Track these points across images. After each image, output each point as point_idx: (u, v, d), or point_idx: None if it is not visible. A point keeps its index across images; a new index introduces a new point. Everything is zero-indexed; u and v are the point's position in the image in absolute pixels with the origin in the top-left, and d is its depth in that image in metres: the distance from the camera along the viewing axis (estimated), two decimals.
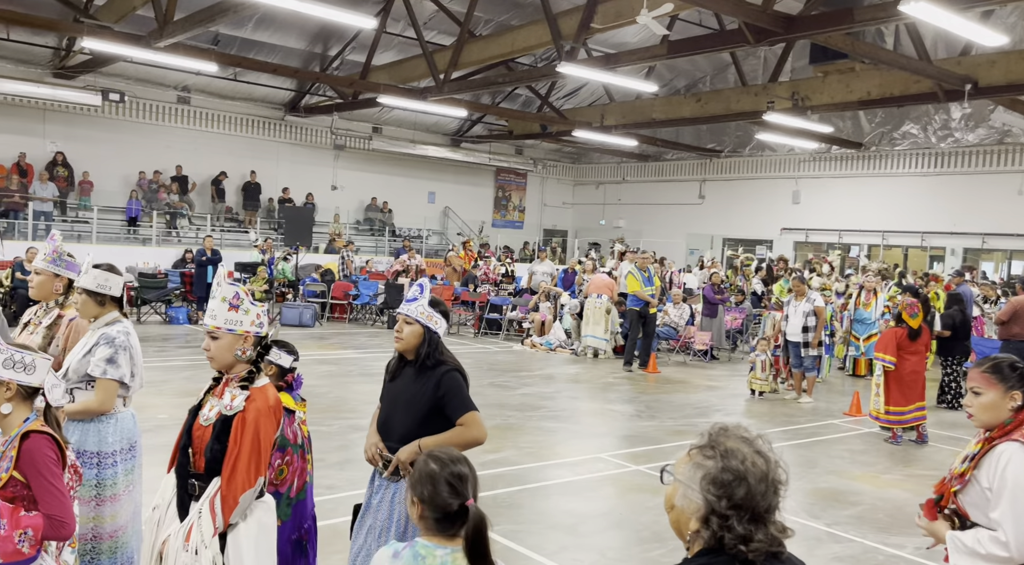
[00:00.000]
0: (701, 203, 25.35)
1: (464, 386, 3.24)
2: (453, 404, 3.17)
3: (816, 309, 10.29)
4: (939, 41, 16.56)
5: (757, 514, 1.53)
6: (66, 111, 18.94)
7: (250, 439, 2.74)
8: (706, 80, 22.82)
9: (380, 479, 3.25)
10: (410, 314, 3.23)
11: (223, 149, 21.37)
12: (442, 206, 26.31)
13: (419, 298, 3.26)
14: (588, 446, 7.54)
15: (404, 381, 3.29)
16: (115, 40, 13.71)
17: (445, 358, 3.26)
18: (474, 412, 3.17)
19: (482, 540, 2.02)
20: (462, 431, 3.14)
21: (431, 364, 3.22)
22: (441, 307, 3.31)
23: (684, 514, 1.60)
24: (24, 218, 17.58)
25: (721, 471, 1.55)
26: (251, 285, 15.66)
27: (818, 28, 11.52)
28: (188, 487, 2.83)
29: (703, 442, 1.62)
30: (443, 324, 3.30)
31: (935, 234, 20.07)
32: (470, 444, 3.12)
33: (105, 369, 3.49)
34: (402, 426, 3.19)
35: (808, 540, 5.32)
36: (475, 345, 14.40)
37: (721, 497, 1.53)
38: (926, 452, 8.07)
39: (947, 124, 19.75)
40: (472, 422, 3.16)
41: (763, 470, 1.57)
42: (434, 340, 3.25)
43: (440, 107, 18.00)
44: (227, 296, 2.89)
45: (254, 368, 2.89)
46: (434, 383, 3.17)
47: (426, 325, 3.23)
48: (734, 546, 1.52)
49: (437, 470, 2.04)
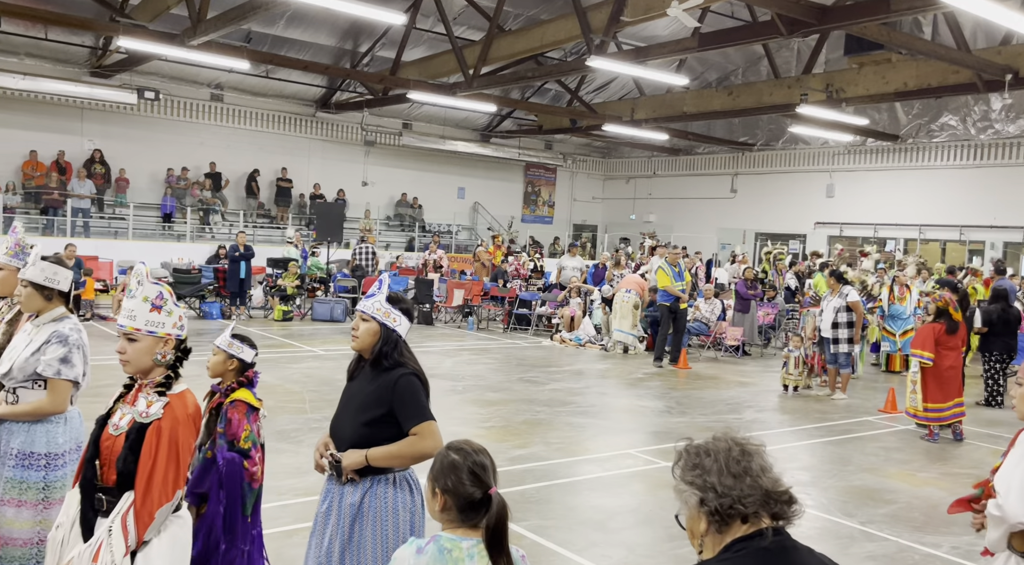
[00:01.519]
0: (733, 197, 25.08)
1: (421, 392, 2.98)
2: (406, 412, 2.91)
3: (850, 303, 10.10)
4: (978, 30, 16.20)
5: (736, 473, 1.63)
6: (103, 109, 19.29)
7: (167, 449, 2.53)
8: (738, 73, 22.56)
9: (329, 483, 3.01)
10: (366, 311, 3.02)
11: (255, 146, 21.63)
12: (472, 201, 26.35)
13: (377, 294, 3.06)
14: (618, 442, 7.50)
15: (360, 382, 3.06)
16: (150, 39, 13.92)
17: (405, 360, 3.02)
18: (430, 422, 2.91)
19: (502, 528, 2.02)
20: (414, 442, 2.89)
21: (388, 365, 2.98)
22: (402, 304, 3.09)
23: (693, 520, 1.67)
24: (63, 215, 17.95)
25: (687, 455, 1.70)
26: (283, 281, 15.86)
27: (853, 18, 11.32)
28: (95, 502, 2.59)
29: (675, 460, 1.76)
30: (404, 322, 3.06)
31: (974, 228, 19.65)
32: (422, 457, 2.87)
33: (59, 369, 3.28)
34: (352, 430, 2.96)
35: (841, 538, 5.24)
36: (504, 340, 14.41)
37: (700, 473, 1.65)
38: (963, 450, 7.91)
39: (987, 115, 19.32)
40: (426, 433, 2.90)
41: (728, 442, 1.70)
42: (392, 339, 3.01)
43: (469, 102, 18.01)
44: (149, 296, 2.70)
45: (172, 373, 2.70)
46: (389, 387, 2.94)
47: (383, 322, 3.00)
48: (730, 506, 1.60)
49: (460, 460, 2.04)
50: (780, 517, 1.64)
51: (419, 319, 16.20)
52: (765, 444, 1.73)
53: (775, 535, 1.61)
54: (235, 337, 3.50)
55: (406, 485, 2.95)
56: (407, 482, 2.96)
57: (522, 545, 4.81)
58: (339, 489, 2.94)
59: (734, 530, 1.62)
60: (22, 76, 17.32)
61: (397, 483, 2.92)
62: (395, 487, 2.91)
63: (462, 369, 10.95)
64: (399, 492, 2.92)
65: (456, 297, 16.61)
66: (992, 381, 10.18)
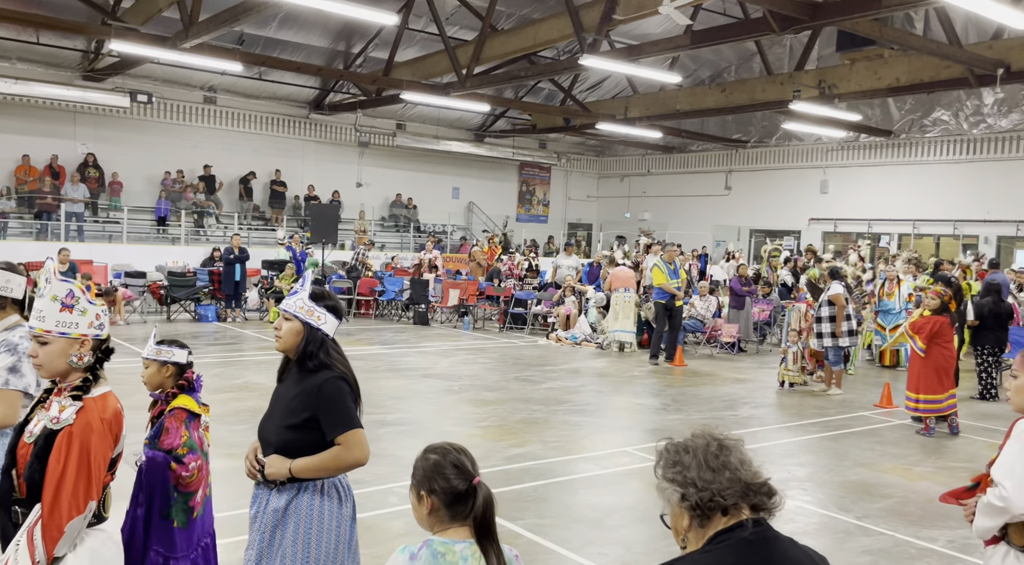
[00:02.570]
0: (727, 194, 25.12)
1: (348, 397, 2.79)
2: (331, 419, 2.74)
3: (831, 297, 10.10)
4: (970, 25, 16.25)
5: (715, 467, 1.66)
6: (96, 113, 19.23)
7: (77, 457, 2.34)
8: (731, 70, 22.59)
9: (258, 488, 2.84)
10: (287, 309, 2.84)
11: (249, 148, 21.60)
12: (466, 201, 26.35)
13: (300, 291, 2.87)
14: (614, 440, 7.52)
15: (287, 385, 2.89)
16: (142, 42, 13.89)
17: (332, 362, 2.82)
18: (355, 431, 2.74)
19: (490, 517, 2.03)
20: (339, 453, 2.72)
21: (313, 367, 2.80)
22: (328, 302, 2.88)
23: (676, 517, 1.70)
24: (57, 219, 17.90)
25: (667, 453, 1.74)
26: (279, 282, 15.85)
27: (845, 14, 11.35)
28: (12, 515, 2.44)
29: (656, 461, 1.79)
30: (330, 321, 2.86)
31: (968, 222, 19.71)
32: (348, 467, 2.76)
33: (7, 379, 3.10)
34: (277, 435, 2.79)
35: (838, 533, 5.26)
36: (500, 340, 14.41)
37: (681, 469, 1.69)
38: (959, 444, 7.94)
39: (979, 110, 19.38)
40: (352, 443, 2.73)
41: (706, 438, 1.72)
42: (316, 339, 2.82)
43: (463, 102, 18.01)
44: (59, 294, 2.50)
45: (90, 376, 2.52)
46: (313, 391, 2.76)
47: (306, 321, 2.82)
48: (710, 499, 1.63)
49: (440, 458, 2.06)
50: (760, 508, 1.67)
51: (415, 319, 16.20)
52: (743, 439, 1.76)
53: (755, 526, 1.64)
54: (161, 343, 3.36)
55: (335, 493, 2.81)
56: (336, 490, 2.82)
57: (519, 543, 4.82)
58: (266, 493, 2.80)
59: (715, 523, 1.65)
60: (14, 80, 17.26)
61: (325, 491, 2.78)
62: (322, 495, 2.77)
63: (458, 369, 10.96)
64: (326, 500, 2.78)
65: (452, 297, 16.61)
66: (985, 375, 10.22)
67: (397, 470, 5.96)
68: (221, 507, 5.17)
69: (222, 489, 5.56)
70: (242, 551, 4.50)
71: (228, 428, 7.08)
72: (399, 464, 6.09)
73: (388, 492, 5.60)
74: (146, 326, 14.10)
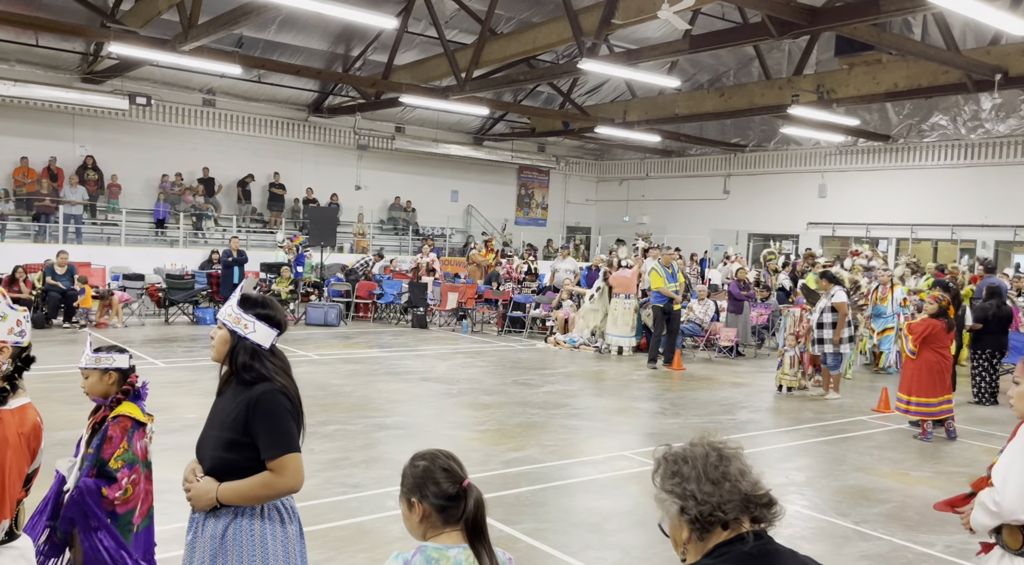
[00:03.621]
0: (726, 198, 25.15)
1: (285, 414, 2.54)
2: (264, 439, 2.49)
3: (835, 304, 10.11)
4: (968, 30, 16.29)
5: (715, 479, 1.63)
6: (94, 115, 19.22)
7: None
8: (730, 74, 22.63)
9: (194, 513, 2.62)
10: (219, 317, 2.65)
11: (248, 150, 21.60)
12: (465, 204, 26.36)
13: (232, 298, 2.68)
14: (612, 444, 7.51)
15: (224, 399, 2.66)
16: (141, 44, 13.90)
17: (268, 373, 2.57)
18: (291, 455, 2.51)
19: (481, 519, 2.02)
20: (269, 481, 2.49)
21: (249, 379, 2.57)
22: (260, 310, 2.63)
23: (675, 529, 1.68)
24: (55, 221, 17.89)
25: (666, 463, 1.71)
26: (276, 285, 15.84)
27: (843, 20, 11.38)
28: None
29: (655, 469, 1.76)
30: (261, 330, 2.61)
31: (966, 227, 19.73)
32: (279, 495, 2.54)
33: None
34: (211, 453, 2.57)
35: (835, 538, 5.26)
36: (498, 343, 14.41)
37: (680, 481, 1.66)
38: (956, 449, 7.94)
39: (977, 115, 19.42)
40: (286, 469, 2.50)
41: (705, 448, 1.68)
42: (247, 349, 2.59)
43: (462, 106, 18.03)
44: None
45: (7, 386, 2.36)
46: (247, 406, 2.52)
47: (232, 330, 2.60)
48: (710, 514, 1.60)
49: (429, 464, 2.06)
50: (760, 521, 1.65)
51: (413, 322, 16.19)
52: (743, 446, 1.73)
53: (756, 539, 1.63)
54: (98, 350, 3.18)
55: (276, 514, 2.58)
56: (278, 511, 2.59)
57: (517, 548, 4.81)
58: (203, 518, 2.56)
59: (715, 536, 1.63)
60: (13, 82, 17.26)
61: (265, 513, 2.56)
62: (262, 518, 2.55)
63: (456, 372, 10.95)
64: (267, 523, 2.55)
65: (450, 300, 16.61)
66: (981, 379, 10.22)
67: (396, 474, 5.92)
68: None
69: None
70: None
71: None
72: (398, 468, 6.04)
73: (386, 496, 5.59)
74: (144, 329, 14.09)
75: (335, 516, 5.17)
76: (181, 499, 2.68)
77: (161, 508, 5.06)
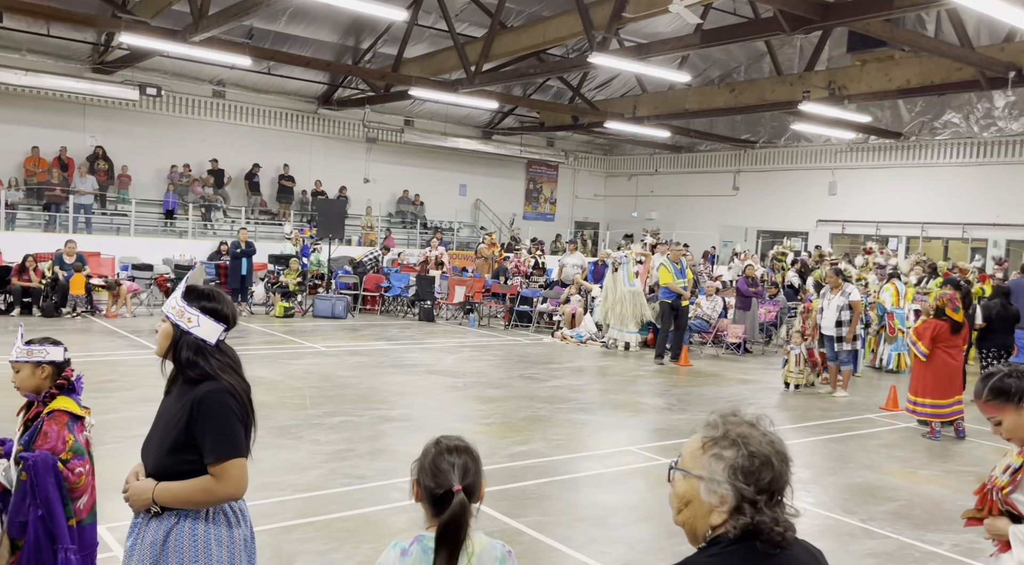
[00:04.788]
0: (735, 195, 25.05)
1: (231, 416, 2.38)
2: (207, 442, 2.34)
3: (852, 303, 10.10)
4: (982, 27, 16.15)
5: (778, 494, 1.55)
6: (105, 106, 19.28)
7: None
8: (740, 70, 22.51)
9: (136, 516, 2.46)
10: (163, 309, 2.51)
11: (257, 142, 21.63)
12: (473, 198, 26.34)
13: (177, 290, 2.53)
14: (618, 439, 7.50)
15: (170, 398, 2.50)
16: (152, 35, 13.91)
17: (213, 371, 2.41)
18: (234, 460, 2.35)
19: (455, 529, 1.93)
20: (210, 486, 2.33)
21: (194, 377, 2.41)
22: (205, 302, 2.47)
23: (704, 509, 1.56)
24: (65, 211, 17.96)
25: (747, 458, 1.54)
26: (284, 277, 15.87)
27: (856, 15, 11.29)
28: None
29: (717, 433, 1.58)
30: (207, 324, 2.45)
31: (977, 225, 19.61)
32: (220, 502, 2.38)
33: None
34: (154, 457, 2.43)
35: (842, 536, 5.23)
36: (505, 337, 14.40)
37: (750, 483, 1.53)
38: (964, 448, 7.89)
39: (990, 113, 19.27)
40: (227, 474, 2.34)
41: (778, 449, 1.57)
42: (190, 344, 2.43)
43: (471, 99, 17.99)
44: None
45: None
46: (191, 406, 2.36)
47: (175, 323, 2.45)
48: (770, 529, 1.52)
49: (434, 453, 2.03)
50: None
51: (420, 316, 16.20)
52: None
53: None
54: (31, 342, 3.04)
55: (222, 518, 2.43)
56: (224, 514, 2.43)
57: (522, 541, 4.81)
58: (145, 521, 2.41)
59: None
60: (24, 72, 17.32)
61: (210, 517, 2.40)
62: (207, 521, 2.40)
63: (463, 366, 10.95)
64: (212, 527, 2.40)
65: (457, 294, 16.61)
66: None
67: (400, 466, 5.96)
68: None
69: None
70: None
71: None
72: (403, 460, 6.09)
73: (391, 487, 5.60)
74: (152, 319, 14.14)
75: (339, 507, 5.18)
76: None
77: None
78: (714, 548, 1.55)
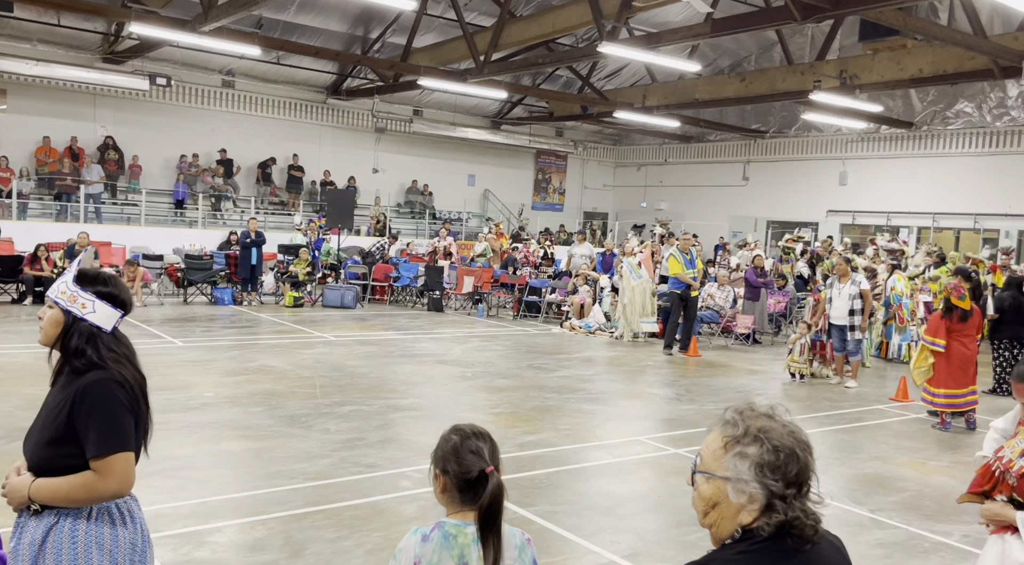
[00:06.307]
0: (745, 185, 24.94)
1: (118, 407, 2.21)
2: (89, 435, 2.17)
3: (862, 292, 10.08)
4: (995, 15, 16.00)
5: (805, 485, 1.53)
6: (115, 96, 19.34)
7: None
8: (751, 59, 22.38)
9: (19, 517, 2.29)
10: (49, 295, 2.34)
11: (266, 132, 21.66)
12: (482, 188, 26.32)
13: (66, 274, 2.36)
14: (627, 428, 7.51)
15: (55, 389, 2.33)
16: (161, 25, 13.93)
17: (103, 361, 2.25)
18: (119, 455, 2.19)
19: (496, 509, 1.98)
20: (91, 482, 2.17)
21: (82, 367, 2.25)
22: (102, 288, 2.33)
23: (732, 509, 1.52)
24: (76, 201, 18.05)
25: (772, 453, 1.51)
26: (294, 267, 15.92)
27: (868, 3, 11.19)
28: None
29: (737, 431, 1.55)
30: (102, 310, 2.31)
31: (989, 216, 19.47)
32: (103, 500, 2.21)
33: None
34: (33, 450, 2.27)
35: (851, 526, 5.24)
36: (514, 328, 14.42)
37: (778, 478, 1.50)
38: (975, 439, 7.87)
39: (1003, 102, 19.11)
40: (110, 469, 2.17)
41: (799, 438, 1.55)
42: (82, 331, 2.27)
43: (480, 89, 17.95)
44: None
45: None
46: (75, 397, 2.20)
47: (66, 309, 2.29)
48: (802, 524, 1.49)
49: (458, 441, 2.03)
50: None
51: (429, 306, 16.24)
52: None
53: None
54: None
55: (106, 517, 2.24)
56: (109, 514, 2.25)
57: (531, 530, 4.83)
58: (26, 520, 2.25)
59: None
60: (35, 62, 17.37)
61: (92, 516, 2.22)
62: (89, 521, 2.22)
63: (472, 356, 10.98)
64: (94, 527, 2.22)
65: (466, 284, 16.63)
66: (1001, 369, 10.12)
67: (410, 454, 5.98)
68: (235, 489, 5.22)
69: (235, 471, 5.61)
70: (255, 531, 4.55)
71: (244, 411, 7.14)
72: (412, 449, 6.11)
73: (401, 476, 5.63)
74: (163, 308, 14.21)
75: (349, 495, 5.21)
76: (193, 479, 2.66)
77: (179, 484, 5.12)
78: (741, 545, 1.51)
